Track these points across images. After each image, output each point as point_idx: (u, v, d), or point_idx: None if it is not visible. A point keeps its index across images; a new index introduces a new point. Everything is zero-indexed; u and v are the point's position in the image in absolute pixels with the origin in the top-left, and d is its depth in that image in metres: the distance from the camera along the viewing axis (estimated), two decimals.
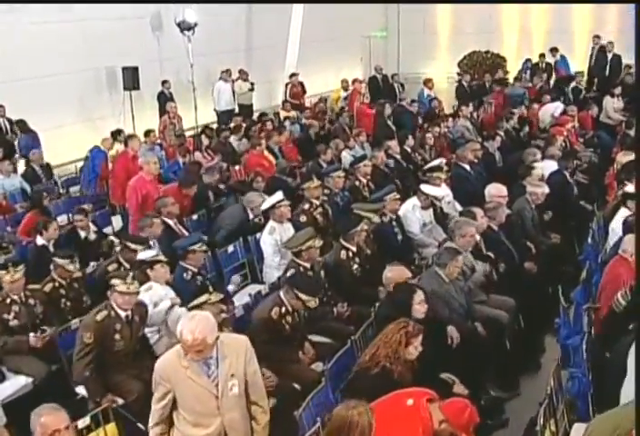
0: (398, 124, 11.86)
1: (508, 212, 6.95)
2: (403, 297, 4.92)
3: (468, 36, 18.71)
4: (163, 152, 10.63)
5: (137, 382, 4.78)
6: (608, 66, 15.21)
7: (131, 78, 12.21)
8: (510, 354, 5.62)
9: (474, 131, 11.55)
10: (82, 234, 7.25)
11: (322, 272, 6.03)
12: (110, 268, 6.06)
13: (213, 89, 13.95)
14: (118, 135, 10.39)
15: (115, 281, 4.93)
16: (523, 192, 7.40)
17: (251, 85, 14.31)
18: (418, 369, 4.35)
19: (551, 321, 5.79)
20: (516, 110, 11.78)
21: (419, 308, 4.83)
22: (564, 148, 9.54)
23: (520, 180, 7.68)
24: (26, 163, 9.95)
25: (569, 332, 5.14)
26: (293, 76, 15.09)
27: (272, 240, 6.68)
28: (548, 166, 8.41)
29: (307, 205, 7.53)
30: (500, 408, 5.16)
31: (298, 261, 5.89)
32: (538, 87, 14.18)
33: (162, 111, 12.70)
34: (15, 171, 9.57)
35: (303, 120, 12.59)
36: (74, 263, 5.81)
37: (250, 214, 7.48)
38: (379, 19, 19.92)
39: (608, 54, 15.28)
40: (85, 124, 12.12)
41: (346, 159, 9.80)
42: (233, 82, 14.23)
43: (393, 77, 16.08)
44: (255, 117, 13.24)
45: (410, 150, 9.99)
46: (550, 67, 15.85)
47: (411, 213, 7.20)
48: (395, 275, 5.48)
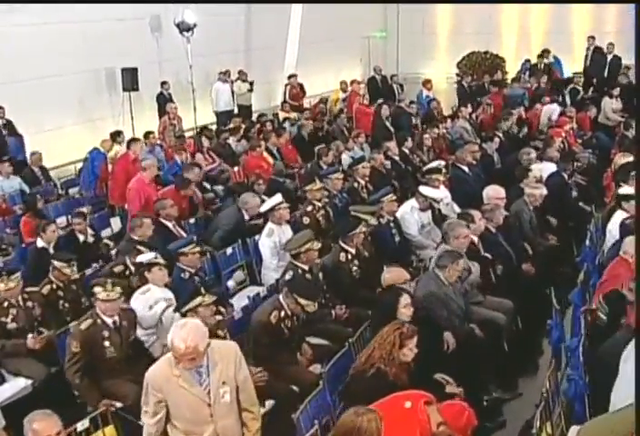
0: (396, 126, 11.85)
1: (506, 213, 6.96)
2: (389, 300, 4.93)
3: (467, 37, 18.71)
4: (162, 153, 10.62)
5: (134, 386, 4.78)
6: (607, 67, 15.20)
7: (130, 79, 12.23)
8: (508, 356, 5.63)
9: (472, 132, 11.53)
10: (80, 238, 7.28)
11: (320, 275, 6.03)
12: (116, 270, 6.10)
13: (211, 90, 13.98)
14: (117, 137, 10.39)
15: (96, 288, 4.94)
16: (521, 193, 7.41)
17: (250, 86, 14.33)
18: (414, 370, 4.36)
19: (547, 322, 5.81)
20: (515, 111, 11.77)
21: (405, 311, 4.84)
22: (562, 149, 9.53)
23: (518, 182, 7.69)
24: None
25: (561, 335, 5.16)
26: (291, 77, 15.07)
27: (270, 242, 6.68)
28: (547, 168, 8.42)
29: (310, 207, 7.54)
30: (498, 410, 5.16)
31: (297, 263, 5.90)
32: (534, 88, 14.17)
33: (161, 112, 12.71)
34: (14, 173, 9.58)
35: (302, 121, 12.58)
36: (71, 267, 5.82)
37: (245, 215, 7.48)
38: (378, 19, 19.93)
39: (608, 56, 15.26)
40: (85, 125, 12.13)
41: (346, 161, 9.81)
42: (232, 82, 14.25)
43: (392, 78, 16.06)
44: (255, 118, 13.23)
45: (408, 151, 9.98)
46: (548, 68, 15.83)
47: (409, 215, 7.21)
48: (394, 277, 5.50)
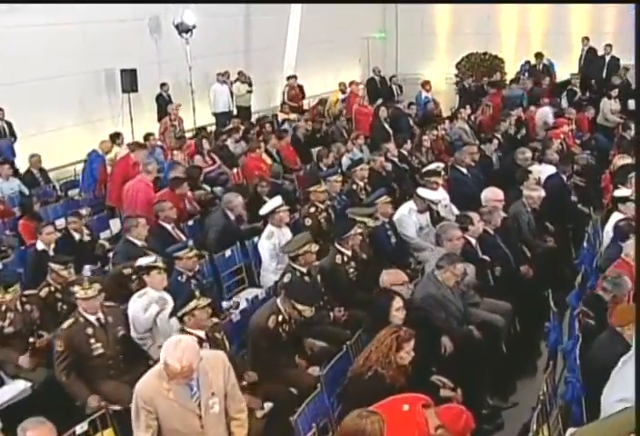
0: (395, 127, 11.84)
1: (504, 215, 6.97)
2: (381, 303, 4.95)
3: (466, 37, 18.74)
4: (162, 155, 10.59)
5: (131, 389, 4.79)
6: (605, 68, 15.21)
7: (129, 80, 12.26)
8: (506, 358, 5.65)
9: (471, 133, 11.53)
10: (76, 236, 7.28)
11: (319, 277, 6.03)
12: (125, 272, 6.11)
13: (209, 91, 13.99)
14: (117, 138, 10.39)
15: (75, 288, 4.99)
16: (519, 195, 7.42)
17: (249, 86, 14.33)
18: (412, 373, 4.37)
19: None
20: (514, 112, 11.78)
21: (397, 314, 4.86)
22: (560, 151, 9.54)
23: (517, 184, 7.67)
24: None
25: (558, 337, 5.17)
26: (291, 78, 15.05)
27: (270, 244, 6.68)
28: (546, 170, 8.42)
29: (313, 209, 7.54)
30: (496, 412, 5.16)
31: (295, 265, 5.90)
32: (529, 89, 14.18)
33: (160, 113, 12.73)
34: (15, 174, 9.59)
35: (296, 123, 12.58)
36: (68, 269, 5.81)
37: (231, 215, 7.44)
38: (377, 20, 19.95)
39: (606, 57, 15.28)
40: (85, 127, 12.15)
41: (345, 162, 9.80)
42: (231, 83, 14.26)
43: (391, 79, 16.05)
44: (254, 120, 13.23)
45: (407, 153, 9.99)
46: (547, 69, 15.84)
47: (407, 217, 7.20)
48: (392, 278, 5.50)
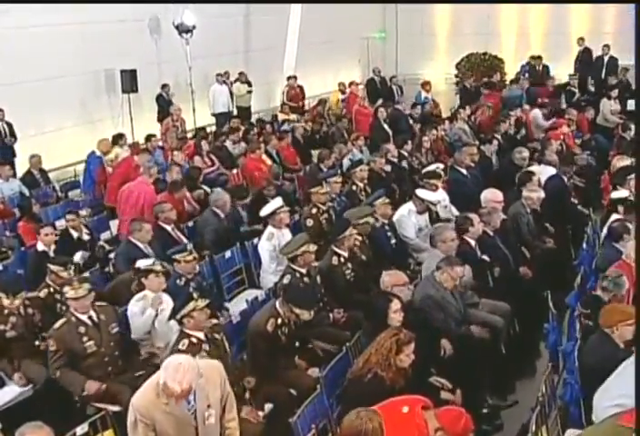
0: (395, 128, 11.83)
1: (503, 217, 6.98)
2: (379, 305, 4.96)
3: (466, 37, 18.74)
4: (162, 156, 10.57)
5: (128, 390, 4.78)
6: (604, 69, 15.23)
7: (129, 81, 12.27)
8: (506, 359, 5.65)
9: (471, 134, 11.54)
10: (74, 234, 7.29)
11: (318, 278, 6.04)
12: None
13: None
14: (120, 139, 10.39)
15: (65, 288, 5.04)
16: (518, 196, 7.43)
17: (249, 86, 14.34)
18: (411, 375, 4.39)
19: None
20: (513, 112, 11.79)
21: (395, 317, 4.86)
22: (560, 152, 9.55)
23: (518, 185, 7.64)
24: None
25: (558, 338, 5.18)
26: (290, 79, 15.05)
27: (270, 246, 6.68)
28: (546, 171, 8.42)
29: (315, 210, 7.56)
30: (496, 413, 5.17)
31: (294, 266, 5.90)
32: (525, 89, 14.19)
33: (160, 114, 12.74)
34: (14, 175, 9.60)
35: (295, 124, 12.58)
36: (68, 270, 5.82)
37: (221, 213, 7.42)
38: (377, 20, 19.96)
39: (604, 57, 15.30)
40: (85, 127, 12.16)
41: (345, 163, 9.79)
42: (231, 84, 14.26)
43: (392, 79, 16.01)
44: (254, 120, 13.23)
45: (407, 154, 9.99)
46: (547, 69, 15.85)
47: (406, 218, 7.21)
48: (393, 280, 5.51)
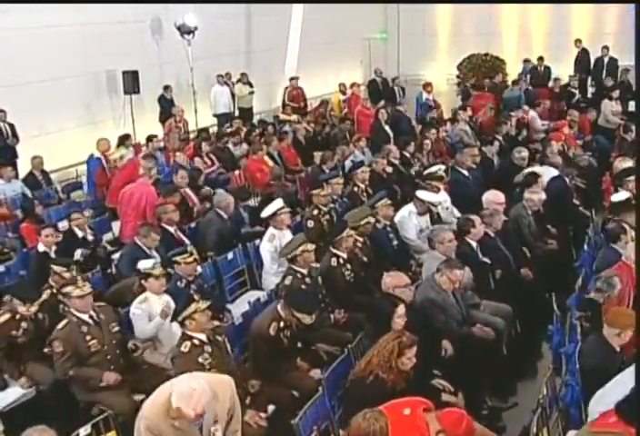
0: (396, 129, 11.83)
1: (505, 218, 6.99)
2: (384, 309, 4.98)
3: (467, 38, 18.69)
4: (163, 157, 10.56)
5: (127, 399, 4.87)
6: (604, 69, 15.24)
7: (131, 82, 12.26)
8: (507, 361, 5.66)
9: (472, 135, 11.54)
10: (79, 234, 7.29)
11: (319, 279, 6.05)
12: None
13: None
14: (126, 140, 10.39)
15: (69, 288, 5.08)
16: (520, 198, 7.43)
17: (250, 87, 14.34)
18: (413, 377, 4.40)
19: (548, 327, 5.81)
20: (514, 113, 11.78)
21: (399, 321, 4.89)
22: (561, 153, 9.55)
23: (526, 187, 7.62)
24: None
25: (561, 340, 5.19)
26: (292, 80, 15.04)
27: (271, 247, 6.69)
28: (548, 172, 8.42)
29: (316, 211, 7.58)
30: (497, 415, 5.18)
31: (295, 267, 5.91)
32: (523, 90, 14.19)
33: (162, 115, 12.75)
34: (17, 176, 9.61)
35: (295, 125, 12.59)
36: (70, 271, 5.83)
37: (224, 215, 7.44)
38: (379, 21, 19.94)
39: (604, 58, 15.30)
40: (87, 128, 12.13)
41: (347, 165, 9.81)
42: (233, 84, 14.27)
43: (394, 81, 16.01)
44: (255, 121, 13.23)
45: (409, 155, 10.00)
46: (549, 70, 15.86)
47: (407, 219, 7.23)
48: (394, 281, 5.51)
